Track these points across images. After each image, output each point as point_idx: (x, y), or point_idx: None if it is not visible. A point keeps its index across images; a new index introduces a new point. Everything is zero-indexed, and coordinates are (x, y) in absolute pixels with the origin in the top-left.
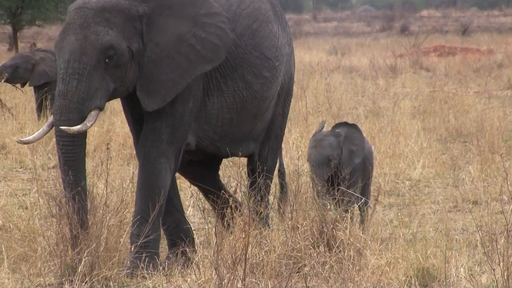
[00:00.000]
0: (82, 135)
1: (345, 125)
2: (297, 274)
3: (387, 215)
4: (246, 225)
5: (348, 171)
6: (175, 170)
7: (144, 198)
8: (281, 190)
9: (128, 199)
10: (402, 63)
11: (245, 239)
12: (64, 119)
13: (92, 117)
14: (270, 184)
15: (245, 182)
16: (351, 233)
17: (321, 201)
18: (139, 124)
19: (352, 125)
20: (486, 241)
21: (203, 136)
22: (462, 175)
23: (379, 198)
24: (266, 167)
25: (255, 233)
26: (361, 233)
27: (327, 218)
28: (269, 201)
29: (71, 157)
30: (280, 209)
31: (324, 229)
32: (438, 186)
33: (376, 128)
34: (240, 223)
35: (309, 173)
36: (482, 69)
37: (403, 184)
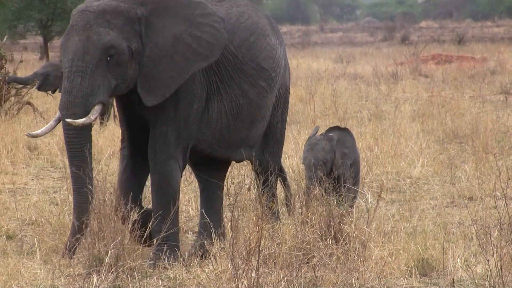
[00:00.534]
0: (87, 127)
1: (337, 129)
2: (307, 264)
3: (389, 210)
4: (259, 220)
5: (341, 172)
6: (183, 167)
7: (159, 198)
8: (285, 191)
9: (150, 196)
10: (402, 70)
11: (258, 233)
12: (70, 113)
13: (95, 111)
14: (275, 185)
15: (252, 181)
16: (356, 226)
17: (322, 198)
18: (131, 124)
19: (344, 129)
20: (481, 234)
21: (201, 139)
22: (458, 173)
23: (382, 194)
24: (269, 169)
25: (268, 227)
26: (366, 226)
27: (334, 213)
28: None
29: (78, 148)
30: (288, 206)
31: (331, 223)
32: (436, 183)
33: (378, 130)
34: (253, 218)
35: (305, 174)
36: (476, 75)
37: (404, 181)
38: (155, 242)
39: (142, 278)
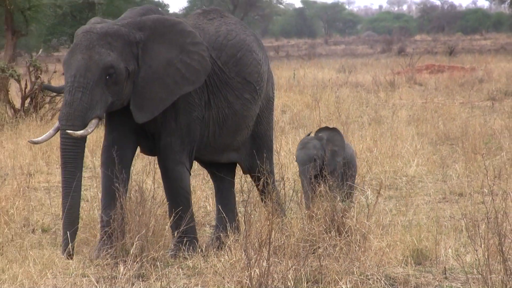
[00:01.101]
0: (83, 138)
1: (326, 129)
2: (313, 254)
3: (387, 205)
4: (270, 215)
5: (332, 169)
6: (190, 167)
7: (173, 200)
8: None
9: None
10: (399, 79)
11: (269, 226)
12: (69, 124)
13: (92, 125)
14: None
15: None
16: (357, 220)
17: (311, 194)
18: (120, 130)
19: (333, 129)
20: (470, 227)
21: None
22: (449, 172)
23: (381, 191)
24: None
25: (278, 221)
26: (366, 220)
27: (337, 208)
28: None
29: (72, 156)
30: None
31: (335, 217)
32: (429, 181)
33: (378, 133)
34: (265, 213)
35: (298, 170)
36: (466, 84)
37: (401, 179)
38: (175, 234)
39: (164, 267)
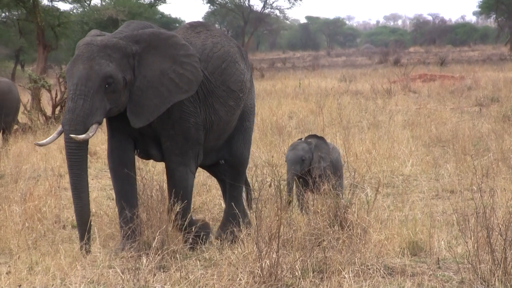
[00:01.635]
0: (85, 142)
1: (315, 136)
2: (318, 247)
3: (385, 202)
4: (279, 211)
5: (319, 173)
6: (195, 170)
7: (174, 198)
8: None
9: None
10: (395, 87)
11: (278, 221)
12: (72, 129)
13: (93, 129)
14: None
15: (279, 178)
16: (358, 215)
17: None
18: (119, 136)
19: (320, 137)
20: (460, 221)
21: None
22: (441, 171)
23: (379, 189)
24: (238, 169)
25: (286, 216)
26: (366, 215)
27: (340, 205)
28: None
29: (77, 159)
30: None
31: (338, 213)
32: (423, 179)
33: (376, 136)
34: (274, 209)
35: (287, 169)
36: (456, 91)
37: (397, 178)
38: (193, 229)
39: (183, 259)
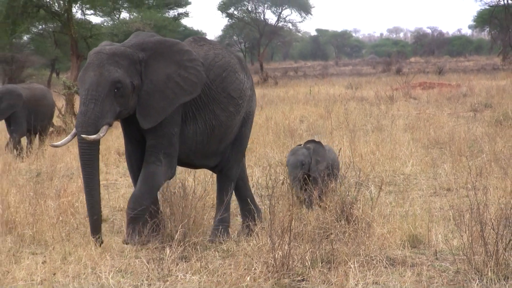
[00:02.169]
0: (97, 142)
1: (313, 142)
2: (326, 239)
3: (388, 198)
4: (290, 206)
5: (316, 175)
6: (171, 175)
7: (142, 188)
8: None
9: (209, 189)
10: (397, 94)
11: (290, 216)
12: (84, 130)
13: (103, 130)
14: (233, 186)
15: (285, 177)
16: (363, 211)
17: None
18: (133, 142)
19: (318, 142)
20: (456, 216)
21: (180, 151)
22: (439, 171)
23: (382, 187)
24: (230, 173)
25: (297, 212)
26: (370, 211)
27: (346, 201)
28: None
29: (89, 158)
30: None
31: (344, 208)
32: (422, 178)
33: (379, 139)
34: (286, 205)
35: (288, 172)
36: (452, 98)
37: (399, 177)
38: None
39: (203, 250)
